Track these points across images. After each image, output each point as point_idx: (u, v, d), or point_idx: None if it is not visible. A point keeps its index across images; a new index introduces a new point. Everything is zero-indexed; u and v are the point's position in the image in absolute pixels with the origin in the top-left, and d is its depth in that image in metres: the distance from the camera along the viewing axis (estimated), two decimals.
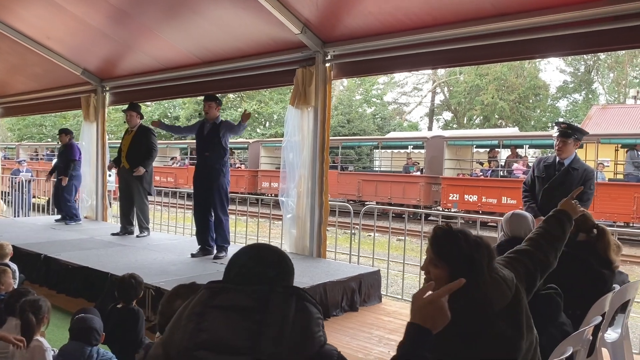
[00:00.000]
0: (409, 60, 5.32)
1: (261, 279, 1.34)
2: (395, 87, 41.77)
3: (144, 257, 5.65)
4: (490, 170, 16.42)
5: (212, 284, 1.36)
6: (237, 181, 21.73)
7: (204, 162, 5.84)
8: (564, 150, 4.47)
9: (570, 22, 4.22)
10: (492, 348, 1.68)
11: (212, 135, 5.76)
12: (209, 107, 5.89)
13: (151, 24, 6.66)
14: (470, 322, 1.66)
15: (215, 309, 1.28)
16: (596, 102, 33.11)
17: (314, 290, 4.49)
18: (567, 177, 4.42)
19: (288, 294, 1.31)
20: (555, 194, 4.36)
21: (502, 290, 1.77)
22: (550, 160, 4.59)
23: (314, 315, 1.31)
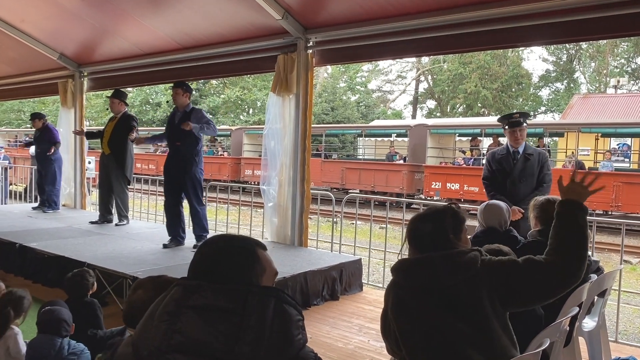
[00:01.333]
0: (392, 48, 5.26)
1: (235, 277, 1.27)
2: (379, 74, 41.74)
3: (122, 246, 5.56)
4: (473, 159, 16.51)
5: (186, 280, 1.29)
6: (219, 169, 21.60)
7: (176, 151, 5.68)
8: (523, 138, 4.56)
9: (553, 10, 4.21)
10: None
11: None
12: (176, 94, 5.68)
13: (130, 9, 6.50)
14: None
15: (189, 309, 1.21)
16: (578, 91, 33.45)
17: (294, 280, 4.46)
18: (527, 163, 4.50)
19: (266, 294, 1.24)
20: (519, 183, 4.42)
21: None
22: (504, 152, 4.62)
23: (293, 317, 1.25)
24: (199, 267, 1.31)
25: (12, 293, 2.87)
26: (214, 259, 1.31)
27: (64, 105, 8.69)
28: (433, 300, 1.83)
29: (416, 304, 1.86)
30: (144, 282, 1.76)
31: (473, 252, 1.90)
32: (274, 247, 5.66)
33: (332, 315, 4.44)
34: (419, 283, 1.88)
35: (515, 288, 1.84)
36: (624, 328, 5.50)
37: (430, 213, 2.02)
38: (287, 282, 4.37)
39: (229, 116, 35.61)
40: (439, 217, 1.97)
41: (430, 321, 1.82)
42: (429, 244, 1.93)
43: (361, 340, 3.90)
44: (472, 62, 34.05)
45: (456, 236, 1.93)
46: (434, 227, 1.94)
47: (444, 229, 1.93)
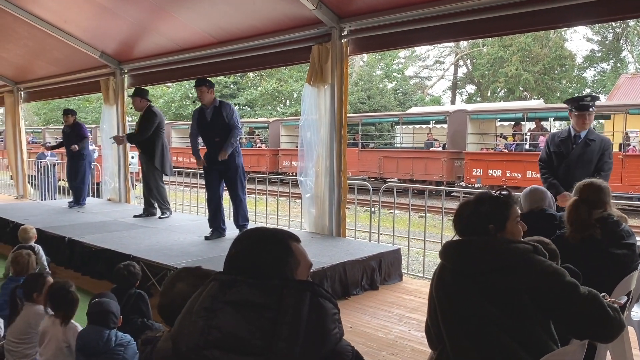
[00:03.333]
0: (428, 33, 5.15)
1: (270, 271, 1.27)
2: (416, 61, 41.05)
3: (165, 238, 5.69)
4: (515, 144, 16.11)
5: (222, 275, 1.30)
6: (258, 160, 21.81)
7: (216, 148, 5.69)
8: (590, 122, 4.40)
9: None
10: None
11: (217, 118, 5.64)
12: (201, 93, 5.67)
13: (165, 4, 6.60)
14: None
15: (226, 305, 1.21)
16: (625, 71, 32.07)
17: (333, 270, 4.47)
18: (586, 149, 4.36)
19: (301, 289, 1.23)
20: (575, 168, 4.28)
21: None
22: (565, 135, 4.49)
23: (329, 311, 1.24)
24: (234, 262, 1.33)
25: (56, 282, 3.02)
26: (248, 253, 1.31)
27: (107, 102, 8.93)
28: (469, 284, 1.85)
29: (455, 286, 1.90)
30: (182, 275, 1.78)
31: (520, 244, 1.87)
32: (312, 237, 5.68)
33: (372, 305, 4.43)
34: (457, 266, 1.92)
35: (557, 313, 1.79)
36: None
37: (471, 199, 2.03)
38: (325, 273, 4.39)
39: (266, 108, 35.87)
40: (476, 203, 1.96)
41: (466, 304, 1.84)
42: (466, 228, 1.97)
43: (402, 330, 3.89)
44: (512, 45, 33.08)
45: (498, 225, 1.91)
46: (471, 213, 1.96)
47: (481, 216, 1.92)
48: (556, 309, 1.77)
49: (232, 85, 35.69)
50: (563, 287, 1.77)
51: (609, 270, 2.61)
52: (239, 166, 5.81)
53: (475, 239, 1.90)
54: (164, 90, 37.27)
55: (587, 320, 1.75)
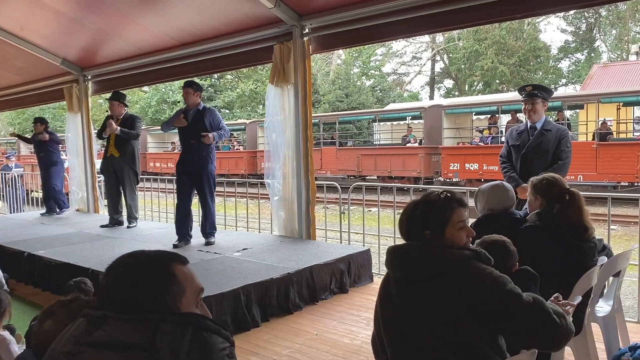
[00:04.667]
0: (394, 28, 5.01)
1: (147, 303, 1.08)
2: (393, 57, 41.16)
3: (130, 248, 5.36)
4: (491, 137, 16.15)
5: (91, 311, 1.11)
6: (236, 163, 21.61)
7: (190, 150, 5.62)
8: (535, 112, 4.36)
9: None
10: None
11: (197, 121, 5.56)
12: (187, 94, 5.67)
13: (125, 8, 6.42)
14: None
15: (90, 348, 1.02)
16: (599, 60, 32.46)
17: (299, 275, 4.35)
18: (542, 139, 4.32)
19: (182, 323, 1.06)
20: (532, 159, 4.24)
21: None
22: (522, 127, 4.48)
23: (216, 347, 1.06)
24: (106, 295, 1.14)
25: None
26: (122, 283, 1.12)
27: (71, 110, 8.70)
28: (409, 292, 1.74)
29: (397, 295, 1.79)
30: (53, 310, 1.62)
31: (457, 250, 1.73)
32: (281, 241, 5.55)
33: (340, 309, 4.32)
34: (396, 273, 1.81)
35: (498, 325, 1.68)
36: None
37: (408, 204, 1.90)
38: (292, 279, 4.26)
39: (245, 110, 35.61)
40: (414, 207, 1.86)
41: (406, 313, 1.73)
42: (404, 234, 1.87)
43: (368, 335, 3.73)
44: (487, 38, 33.30)
45: (434, 231, 1.77)
46: (408, 217, 1.85)
47: (416, 221, 1.81)
48: (496, 321, 1.64)
49: (209, 88, 35.35)
50: (502, 297, 1.63)
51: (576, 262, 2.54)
52: (210, 173, 5.71)
53: (411, 245, 1.79)
54: (141, 95, 36.83)
55: (531, 331, 1.63)
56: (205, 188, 5.68)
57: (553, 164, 4.20)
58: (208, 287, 3.89)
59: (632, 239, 8.92)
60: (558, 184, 2.68)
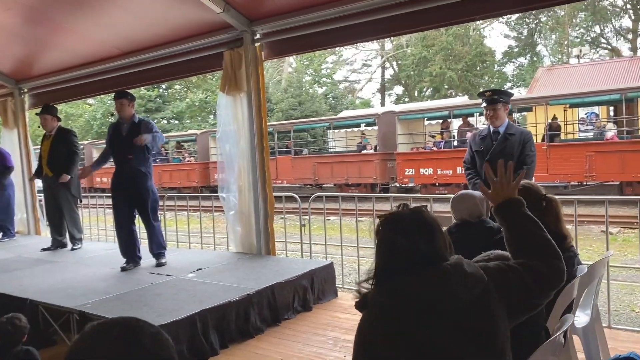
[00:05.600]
0: (346, 32, 4.85)
1: None
2: (344, 65, 41.47)
3: (72, 274, 5.08)
4: (443, 142, 16.30)
5: None
6: (188, 175, 21.03)
7: (127, 166, 5.20)
8: (497, 117, 4.27)
9: None
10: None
11: (133, 135, 5.14)
12: (121, 105, 5.25)
13: (62, 18, 6.00)
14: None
15: None
16: (541, 64, 33.61)
17: (260, 295, 4.07)
18: (506, 144, 4.23)
19: None
20: (497, 165, 4.12)
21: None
22: (485, 133, 4.36)
23: None
24: None
25: None
26: None
27: (6, 126, 8.12)
28: (446, 317, 1.48)
29: (419, 329, 1.48)
30: None
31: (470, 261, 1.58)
32: (238, 259, 5.26)
33: (305, 329, 4.06)
34: (426, 302, 1.49)
35: (519, 297, 1.56)
36: (614, 308, 5.24)
37: (410, 230, 1.58)
38: (251, 300, 3.98)
39: (196, 120, 34.92)
40: (429, 231, 1.59)
41: (440, 346, 1.46)
42: (414, 260, 1.55)
43: (337, 356, 3.54)
44: (435, 45, 33.97)
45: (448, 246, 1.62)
46: (426, 245, 1.57)
47: (440, 242, 1.57)
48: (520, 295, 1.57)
49: (157, 99, 34.48)
50: (517, 275, 1.58)
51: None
52: (149, 189, 5.28)
53: (441, 266, 1.51)
54: (85, 107, 35.54)
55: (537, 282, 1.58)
56: (147, 206, 5.26)
57: (518, 169, 4.10)
58: (162, 314, 3.57)
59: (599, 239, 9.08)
60: (534, 190, 2.52)
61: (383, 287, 1.55)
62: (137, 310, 3.70)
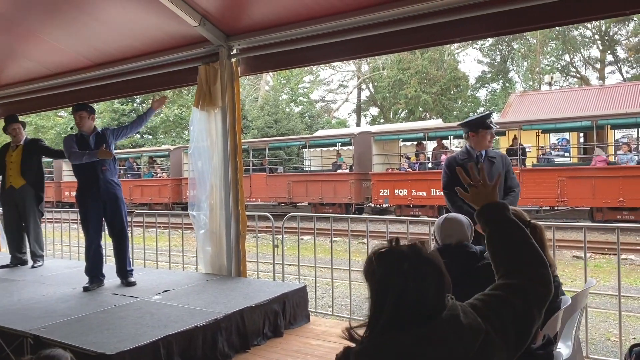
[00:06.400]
0: (323, 51, 4.78)
1: None
2: (321, 85, 41.70)
3: (31, 294, 4.80)
4: (418, 163, 16.37)
5: None
6: (159, 191, 20.65)
7: (101, 178, 5.00)
8: (491, 141, 4.21)
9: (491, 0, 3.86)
10: None
11: (102, 145, 5.01)
12: (81, 118, 5.09)
13: (33, 26, 5.78)
14: None
15: None
16: (513, 90, 34.35)
17: (228, 320, 3.88)
18: (492, 167, 4.12)
19: None
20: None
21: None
22: (465, 156, 4.18)
23: None
24: None
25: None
26: None
27: None
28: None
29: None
30: None
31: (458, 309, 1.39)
32: (207, 280, 5.05)
33: (276, 356, 3.88)
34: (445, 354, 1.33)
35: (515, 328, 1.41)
36: (590, 336, 5.19)
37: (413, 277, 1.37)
38: (219, 325, 3.79)
39: (170, 135, 34.48)
40: (438, 277, 1.41)
41: None
42: (423, 310, 1.35)
43: None
44: (410, 68, 34.42)
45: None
46: (435, 292, 1.39)
47: (443, 288, 1.40)
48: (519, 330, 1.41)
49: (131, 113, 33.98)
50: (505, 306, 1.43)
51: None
52: (123, 201, 5.18)
53: (447, 322, 1.33)
54: (57, 120, 34.79)
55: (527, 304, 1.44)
56: (123, 218, 5.13)
57: (507, 194, 4.03)
58: (123, 339, 3.36)
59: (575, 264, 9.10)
60: (518, 216, 2.42)
61: (381, 343, 1.34)
62: (97, 335, 3.48)
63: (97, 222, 5.09)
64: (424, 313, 1.32)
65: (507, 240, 1.56)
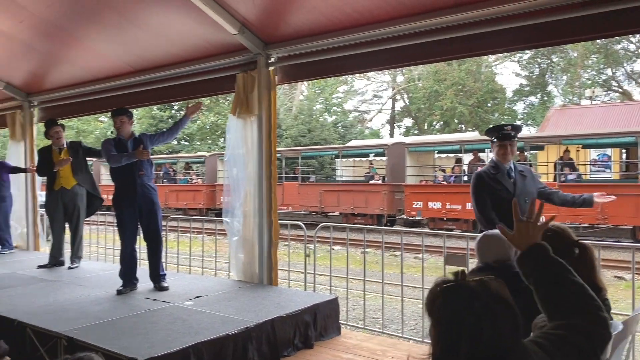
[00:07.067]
0: (361, 60, 4.73)
1: None
2: (355, 95, 41.68)
3: (66, 295, 4.88)
4: (454, 176, 16.11)
5: None
6: (194, 197, 20.90)
7: (139, 182, 5.07)
8: (513, 153, 4.05)
9: (530, 11, 3.75)
10: None
11: (140, 146, 5.09)
12: (122, 123, 5.16)
13: (78, 33, 5.95)
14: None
15: None
16: (552, 103, 33.60)
17: (259, 330, 3.84)
18: (524, 182, 4.01)
19: None
20: (523, 203, 3.90)
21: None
22: (495, 171, 4.02)
23: None
24: None
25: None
26: None
27: (13, 138, 8.03)
28: None
29: None
30: None
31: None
32: (239, 287, 5.03)
33: None
34: None
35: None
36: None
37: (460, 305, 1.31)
38: (250, 334, 3.75)
39: (206, 142, 34.99)
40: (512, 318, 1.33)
41: None
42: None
43: None
44: (446, 79, 34.09)
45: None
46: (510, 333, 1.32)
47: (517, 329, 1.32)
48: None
49: (169, 120, 34.63)
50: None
51: None
52: (159, 207, 5.23)
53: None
54: (97, 125, 35.72)
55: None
56: (158, 222, 5.19)
57: (548, 197, 3.99)
58: (154, 344, 3.35)
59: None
60: (566, 235, 2.30)
61: None
62: (129, 339, 3.49)
63: (133, 226, 5.16)
64: (499, 354, 1.24)
65: (559, 285, 1.49)
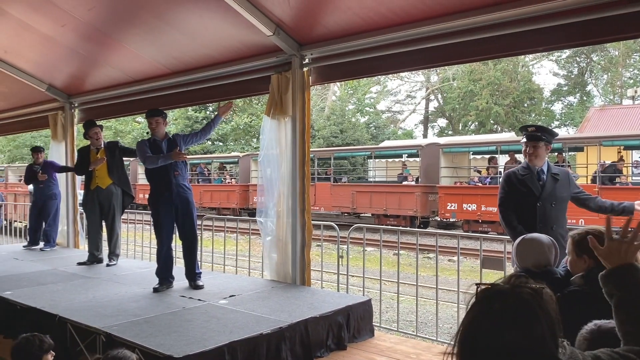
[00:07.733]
0: (395, 61, 4.68)
1: None
2: (388, 95, 41.42)
3: (104, 292, 5.00)
4: (489, 178, 15.83)
5: None
6: (228, 197, 21.14)
7: (174, 182, 5.17)
8: (537, 155, 3.89)
9: (572, 9, 3.64)
10: None
11: (176, 148, 5.18)
12: (157, 124, 5.26)
13: (117, 36, 6.10)
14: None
15: None
16: (591, 104, 32.68)
17: (292, 330, 3.85)
18: (555, 185, 3.87)
19: None
20: (550, 208, 3.81)
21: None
22: (526, 172, 3.93)
23: None
24: None
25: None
26: None
27: (55, 139, 8.28)
28: None
29: None
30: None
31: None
32: (272, 287, 5.06)
33: None
34: None
35: None
36: None
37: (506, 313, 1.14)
38: (284, 334, 3.76)
39: (239, 143, 35.38)
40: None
41: None
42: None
43: None
44: (482, 79, 33.55)
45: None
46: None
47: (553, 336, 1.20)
48: None
49: (203, 121, 35.17)
50: None
51: None
52: (194, 206, 5.32)
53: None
54: (134, 125, 36.53)
55: None
56: (194, 221, 5.28)
57: (583, 202, 3.88)
58: (190, 342, 3.40)
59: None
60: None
61: None
62: (165, 337, 3.55)
63: (169, 225, 5.25)
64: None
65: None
